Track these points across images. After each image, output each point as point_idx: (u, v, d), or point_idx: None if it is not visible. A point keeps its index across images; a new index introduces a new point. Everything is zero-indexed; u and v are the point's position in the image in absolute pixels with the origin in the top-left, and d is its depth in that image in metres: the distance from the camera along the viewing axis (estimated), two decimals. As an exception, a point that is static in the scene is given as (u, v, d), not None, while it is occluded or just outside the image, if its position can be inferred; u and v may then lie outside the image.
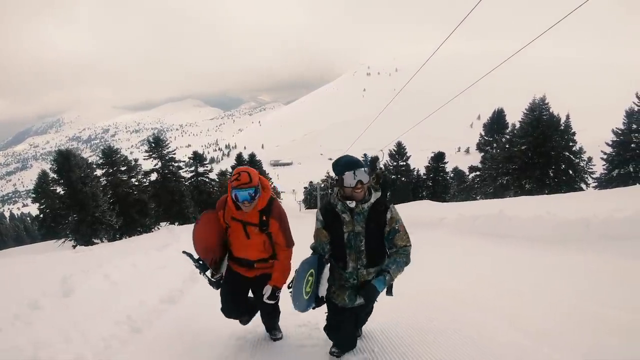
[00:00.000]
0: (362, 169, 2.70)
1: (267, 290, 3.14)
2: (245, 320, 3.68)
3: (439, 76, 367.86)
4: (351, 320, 3.13)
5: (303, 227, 6.46)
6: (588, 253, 5.51)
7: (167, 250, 8.14)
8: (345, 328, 3.13)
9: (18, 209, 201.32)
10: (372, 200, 2.82)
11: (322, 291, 3.03)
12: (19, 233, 71.79)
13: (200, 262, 3.21)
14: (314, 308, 3.12)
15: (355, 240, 2.86)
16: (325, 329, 3.22)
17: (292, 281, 2.88)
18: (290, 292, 2.87)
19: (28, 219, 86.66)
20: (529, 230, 6.98)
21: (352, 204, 2.81)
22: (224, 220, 3.18)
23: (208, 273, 3.27)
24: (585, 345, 2.91)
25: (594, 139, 43.39)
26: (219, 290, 3.38)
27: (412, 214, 11.55)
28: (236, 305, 3.47)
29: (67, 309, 3.79)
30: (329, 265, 3.03)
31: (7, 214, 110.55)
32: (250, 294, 3.53)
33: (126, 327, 3.70)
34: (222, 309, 3.44)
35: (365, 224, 2.83)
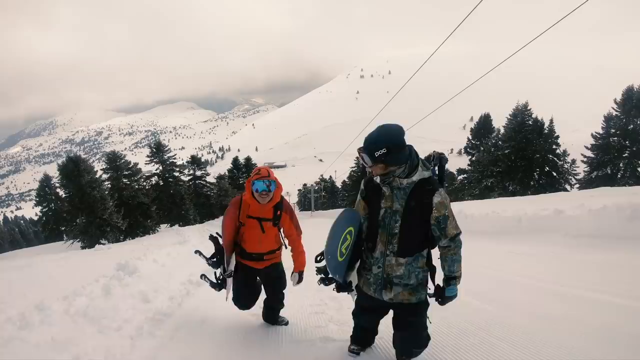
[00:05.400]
0: (365, 154, 2.43)
1: (295, 277, 3.63)
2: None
3: (433, 78, 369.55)
4: (379, 313, 2.88)
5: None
6: (520, 243, 7.22)
7: (188, 245, 9.85)
8: (372, 315, 2.89)
9: (11, 212, 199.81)
10: (415, 178, 2.46)
11: (354, 277, 2.81)
12: (14, 236, 71.22)
13: (214, 259, 3.54)
14: (338, 290, 2.85)
15: (390, 219, 2.53)
16: (353, 312, 3.01)
17: (320, 254, 2.77)
18: (318, 265, 2.72)
19: (22, 222, 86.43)
20: (480, 225, 8.69)
21: (377, 179, 2.57)
22: (239, 219, 3.46)
23: (219, 270, 3.57)
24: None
25: (581, 140, 44.47)
26: (232, 284, 3.67)
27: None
28: (250, 296, 3.79)
29: (140, 279, 5.48)
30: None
31: (0, 218, 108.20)
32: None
33: (190, 285, 5.49)
34: (235, 300, 3.74)
35: (406, 202, 2.48)
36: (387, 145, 2.35)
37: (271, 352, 3.30)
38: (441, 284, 2.62)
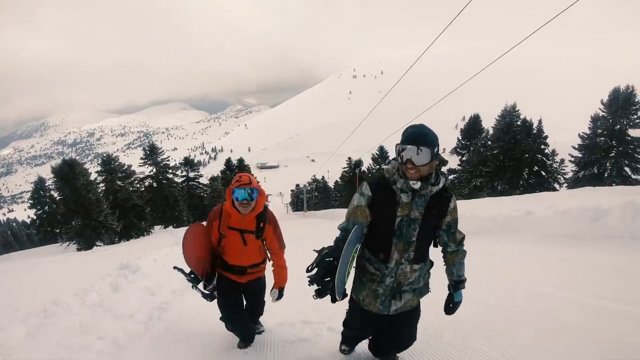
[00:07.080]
0: (429, 149, 2.13)
1: (275, 293, 3.41)
2: (248, 338, 3.68)
3: (425, 78, 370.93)
4: (375, 326, 2.74)
5: (291, 229, 7.81)
6: (497, 241, 7.74)
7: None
8: (367, 330, 2.80)
9: (3, 214, 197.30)
10: (441, 185, 2.29)
11: (349, 282, 2.54)
12: (7, 239, 70.54)
13: (192, 275, 3.25)
14: (334, 301, 2.45)
15: (408, 228, 2.33)
16: (345, 323, 2.91)
17: (312, 264, 2.40)
18: (311, 275, 2.39)
19: (14, 224, 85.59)
20: (463, 225, 9.22)
21: (417, 185, 2.22)
22: (219, 230, 3.22)
23: (200, 286, 3.32)
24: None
25: (573, 139, 44.83)
26: (216, 301, 3.41)
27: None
28: (237, 311, 3.48)
29: (144, 276, 6.02)
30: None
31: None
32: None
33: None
34: (223, 319, 3.45)
35: (425, 210, 2.30)
36: (438, 142, 2.23)
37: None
38: (449, 290, 2.61)
